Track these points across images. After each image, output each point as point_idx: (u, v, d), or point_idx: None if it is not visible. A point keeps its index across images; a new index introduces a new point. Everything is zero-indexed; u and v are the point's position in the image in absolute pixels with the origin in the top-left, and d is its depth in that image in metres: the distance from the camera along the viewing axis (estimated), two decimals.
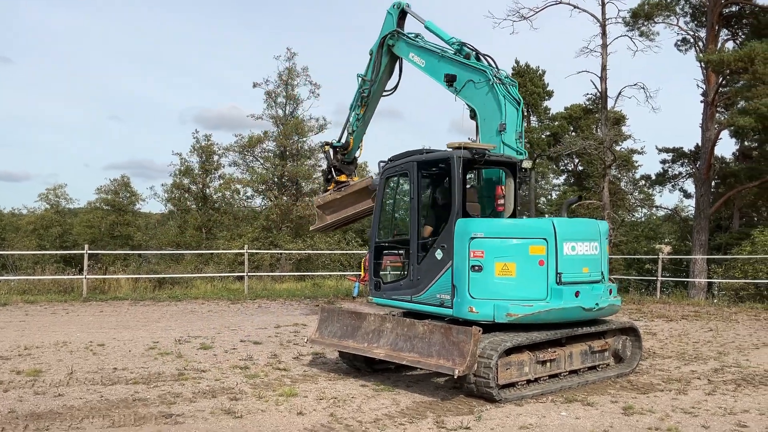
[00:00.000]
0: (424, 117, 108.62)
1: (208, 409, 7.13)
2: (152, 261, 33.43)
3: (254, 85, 37.20)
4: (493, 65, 10.06)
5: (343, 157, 13.08)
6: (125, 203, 47.29)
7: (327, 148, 13.12)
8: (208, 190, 42.93)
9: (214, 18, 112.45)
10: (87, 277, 18.79)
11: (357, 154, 13.19)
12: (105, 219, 45.38)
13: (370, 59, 12.14)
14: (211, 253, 32.11)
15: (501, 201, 9.30)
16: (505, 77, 9.78)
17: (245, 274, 20.62)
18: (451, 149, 8.42)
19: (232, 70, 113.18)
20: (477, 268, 7.89)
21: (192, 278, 22.19)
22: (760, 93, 23.10)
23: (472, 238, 7.96)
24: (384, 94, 12.59)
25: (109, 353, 10.29)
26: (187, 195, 43.63)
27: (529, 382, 7.99)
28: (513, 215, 9.16)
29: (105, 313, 15.41)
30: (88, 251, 18.98)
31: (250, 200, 40.20)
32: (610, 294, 8.67)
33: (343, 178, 13.06)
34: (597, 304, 8.31)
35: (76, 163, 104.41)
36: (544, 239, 7.93)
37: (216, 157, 42.09)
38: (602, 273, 8.52)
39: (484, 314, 7.84)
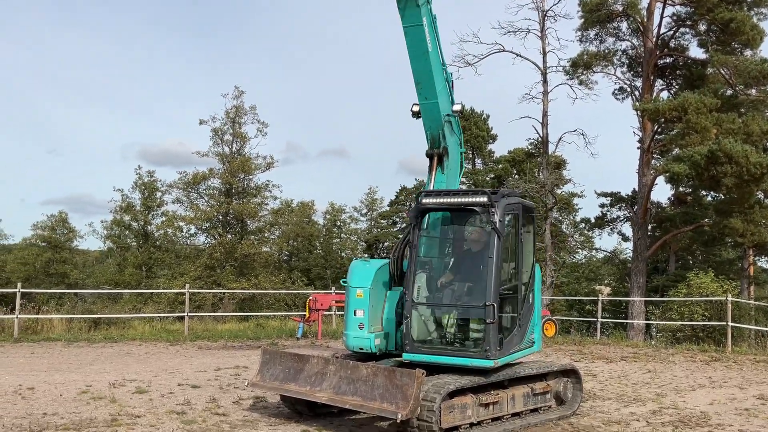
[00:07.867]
0: (372, 155, 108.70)
1: None
2: (88, 300, 32.28)
3: (200, 122, 37.14)
4: None
5: None
6: (62, 240, 45.94)
7: None
8: (149, 228, 42.16)
9: (160, 52, 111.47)
10: (19, 316, 18.00)
11: None
12: (40, 256, 43.95)
13: None
14: (151, 293, 31.28)
15: None
16: None
17: (186, 314, 20.09)
18: None
19: (180, 105, 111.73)
20: None
21: (130, 318, 21.50)
22: (693, 141, 24.16)
23: None
24: None
25: (39, 398, 9.82)
26: (127, 232, 42.75)
27: (472, 425, 7.95)
28: None
29: (36, 354, 14.74)
30: (21, 290, 18.19)
31: (193, 238, 39.64)
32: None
33: None
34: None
35: (11, 198, 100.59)
36: None
37: (159, 194, 41.55)
38: None
39: None
